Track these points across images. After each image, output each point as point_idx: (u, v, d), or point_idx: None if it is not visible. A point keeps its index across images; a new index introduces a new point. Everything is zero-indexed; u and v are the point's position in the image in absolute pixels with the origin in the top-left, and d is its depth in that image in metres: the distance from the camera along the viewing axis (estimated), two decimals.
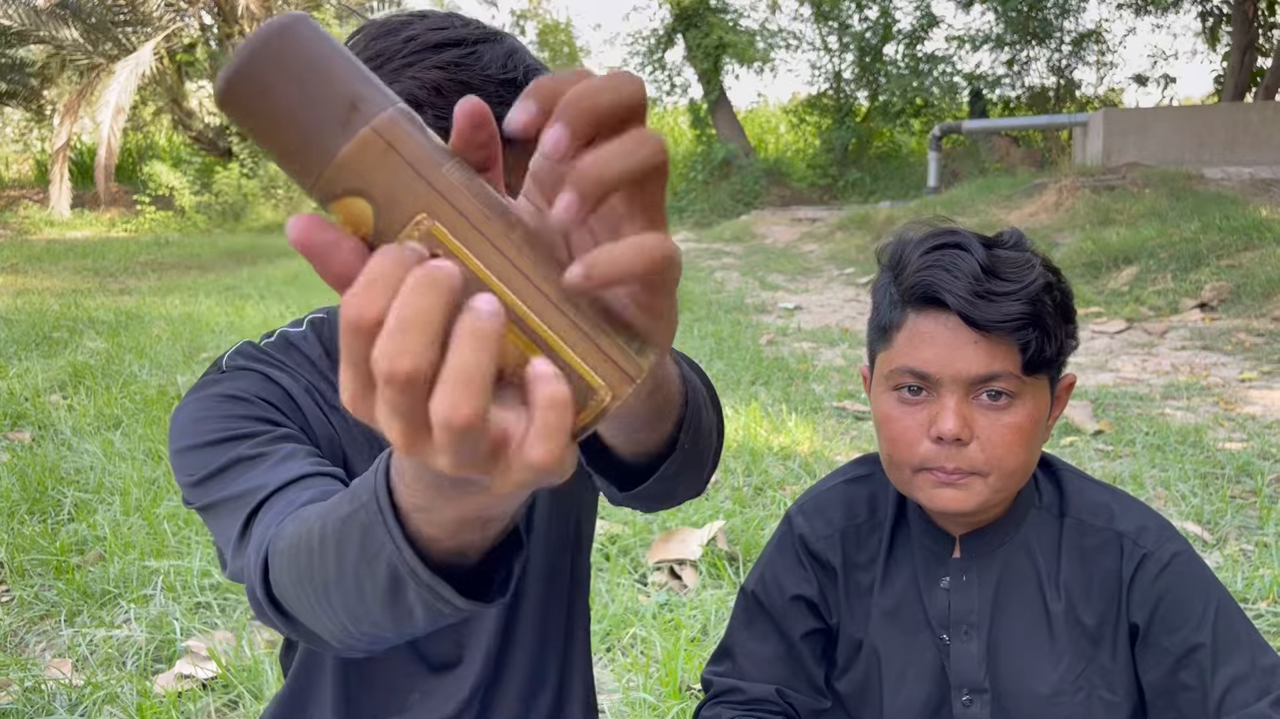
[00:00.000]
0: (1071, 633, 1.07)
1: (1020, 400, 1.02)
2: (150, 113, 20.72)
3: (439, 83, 0.86)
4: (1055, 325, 1.01)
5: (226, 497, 0.86)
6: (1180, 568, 1.05)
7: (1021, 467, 1.04)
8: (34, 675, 2.24)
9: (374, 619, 0.65)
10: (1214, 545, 2.82)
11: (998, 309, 0.98)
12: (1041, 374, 1.03)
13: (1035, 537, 1.10)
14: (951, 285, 0.99)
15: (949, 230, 1.05)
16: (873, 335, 1.11)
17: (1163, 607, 1.04)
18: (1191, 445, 3.71)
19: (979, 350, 1.00)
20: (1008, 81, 18.43)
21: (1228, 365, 5.31)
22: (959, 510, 1.04)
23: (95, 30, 17.97)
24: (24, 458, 3.76)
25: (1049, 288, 1.01)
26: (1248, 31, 15.62)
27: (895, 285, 1.06)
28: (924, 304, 1.02)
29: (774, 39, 18.49)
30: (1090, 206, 9.34)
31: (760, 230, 13.63)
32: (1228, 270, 7.17)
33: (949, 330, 1.01)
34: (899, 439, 1.05)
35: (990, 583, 1.10)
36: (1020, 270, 1.01)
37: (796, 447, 3.82)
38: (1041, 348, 1.00)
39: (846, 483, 1.21)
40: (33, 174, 22.43)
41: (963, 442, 1.01)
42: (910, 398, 1.04)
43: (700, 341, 6.21)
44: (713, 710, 1.19)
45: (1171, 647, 1.03)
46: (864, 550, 1.16)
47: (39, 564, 2.85)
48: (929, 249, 1.03)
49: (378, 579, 0.61)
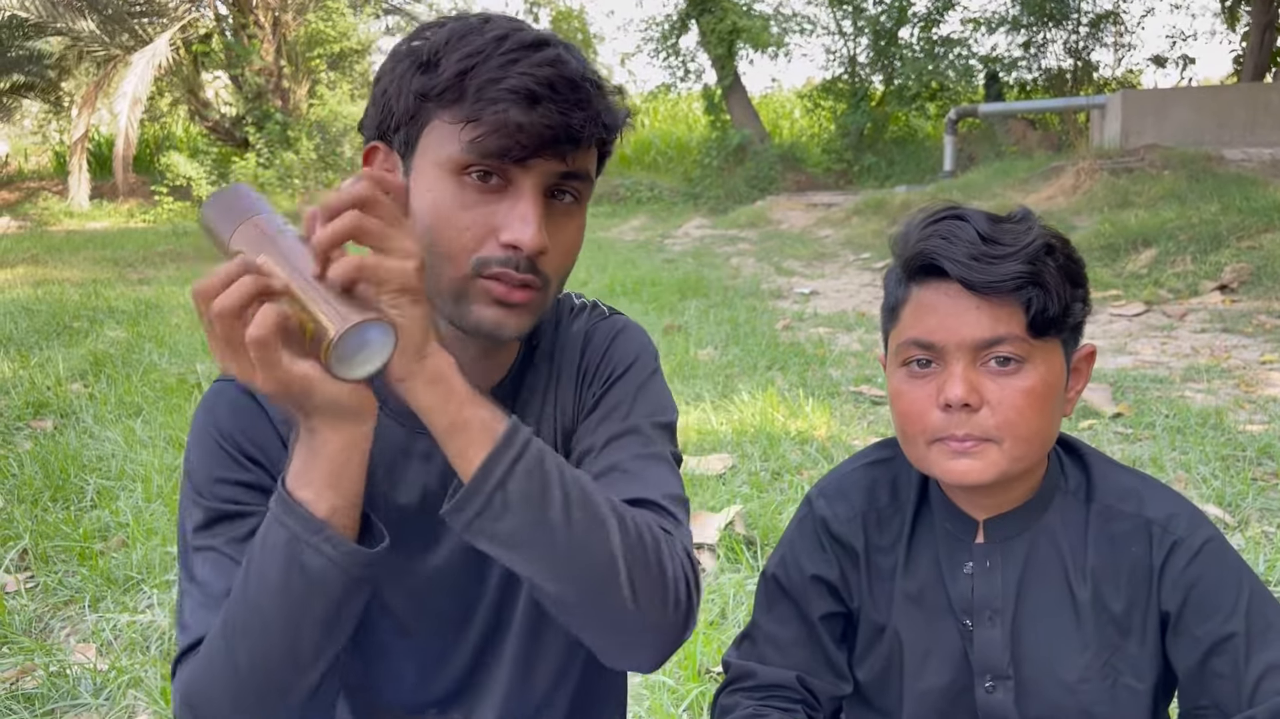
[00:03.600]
0: (1098, 620, 1.05)
1: (1030, 364, 1.01)
2: (167, 104, 20.79)
3: (550, 79, 0.91)
4: (1058, 284, 1.00)
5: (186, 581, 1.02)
6: (1211, 555, 1.04)
7: (1036, 433, 1.02)
8: (59, 660, 2.27)
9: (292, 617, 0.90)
10: (1235, 528, 2.81)
11: (995, 269, 0.98)
12: (1050, 338, 1.02)
13: (1061, 522, 1.09)
14: (949, 252, 0.99)
15: (950, 205, 1.05)
16: (884, 319, 1.11)
17: (1194, 595, 1.02)
18: (1212, 428, 3.69)
19: (982, 314, 0.99)
20: (1024, 64, 18.25)
21: (1248, 347, 5.27)
22: (977, 482, 1.02)
23: (112, 21, 18.02)
24: (47, 446, 3.80)
25: (1049, 249, 1.00)
26: (1267, 11, 15.41)
27: (899, 263, 1.07)
28: (925, 275, 1.03)
29: (788, 24, 18.33)
30: (1108, 189, 9.26)
31: (775, 216, 13.58)
32: (1248, 252, 7.10)
33: (950, 298, 1.01)
34: (909, 412, 1.04)
35: (1015, 568, 1.08)
36: (1019, 234, 1.01)
37: (814, 431, 3.81)
38: (1045, 306, 0.99)
39: (868, 465, 1.20)
40: (51, 165, 22.55)
41: (972, 407, 1.00)
42: (919, 370, 1.04)
43: (716, 327, 6.21)
44: (730, 698, 1.18)
45: (1204, 635, 1.01)
46: (886, 534, 1.15)
47: (63, 551, 2.88)
48: (929, 223, 1.04)
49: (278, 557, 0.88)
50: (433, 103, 0.94)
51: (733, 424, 3.95)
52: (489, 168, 0.93)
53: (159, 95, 19.47)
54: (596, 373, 1.10)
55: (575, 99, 0.92)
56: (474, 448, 0.87)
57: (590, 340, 1.12)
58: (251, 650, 0.90)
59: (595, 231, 13.15)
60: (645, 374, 1.11)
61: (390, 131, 0.98)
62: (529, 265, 0.95)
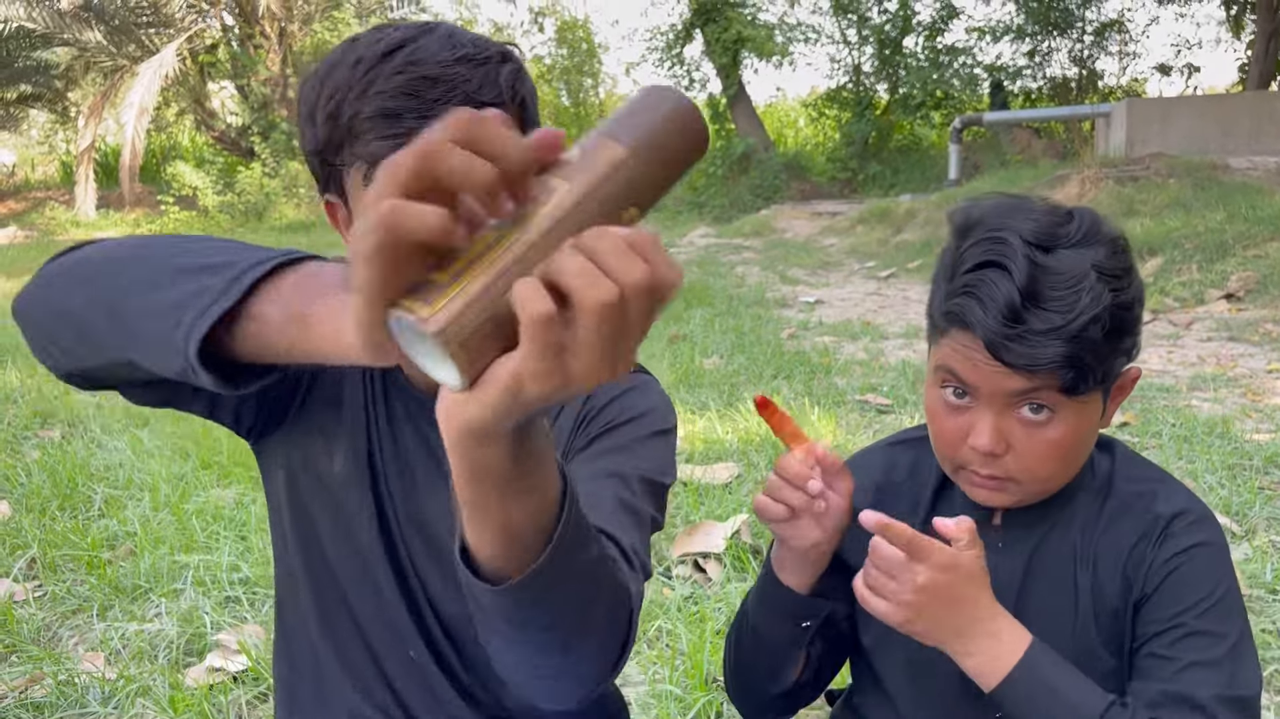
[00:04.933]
0: (1096, 607, 1.07)
1: (1061, 415, 0.99)
2: (173, 113, 20.91)
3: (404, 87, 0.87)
4: (1097, 360, 0.95)
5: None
6: (1199, 556, 1.04)
7: (1058, 474, 1.04)
8: (68, 669, 2.28)
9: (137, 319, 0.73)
10: (1243, 537, 2.80)
11: (1030, 352, 0.93)
12: (1087, 393, 0.99)
13: (1078, 515, 1.10)
14: (982, 320, 0.95)
15: (997, 239, 0.97)
16: (928, 323, 1.09)
17: (1167, 583, 1.03)
18: (1219, 436, 3.68)
19: (1016, 374, 0.97)
20: (1029, 73, 18.31)
21: (1255, 356, 5.27)
22: (996, 506, 1.07)
23: (118, 32, 18.12)
24: (54, 455, 3.81)
25: (1096, 319, 0.93)
26: (1272, 19, 15.41)
27: (940, 292, 1.03)
28: (962, 324, 0.99)
29: (793, 33, 18.40)
30: (1113, 198, 9.26)
31: (780, 225, 13.59)
32: (1254, 260, 7.09)
33: (984, 354, 0.97)
34: (941, 438, 1.06)
35: (1025, 553, 1.10)
36: (1064, 298, 0.93)
37: (819, 440, 3.81)
38: (1077, 384, 0.96)
39: (890, 445, 1.23)
40: (58, 175, 22.66)
41: (997, 455, 1.01)
42: (954, 400, 1.03)
43: (721, 336, 6.21)
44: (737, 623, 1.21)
45: (1158, 619, 1.02)
46: (896, 506, 1.14)
47: (71, 559, 2.89)
48: (971, 267, 0.98)
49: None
50: (330, 154, 0.91)
51: (738, 433, 3.95)
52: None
53: (165, 105, 19.57)
54: (597, 418, 1.03)
55: (436, 95, 0.87)
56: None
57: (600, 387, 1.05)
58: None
59: None
60: (650, 430, 1.03)
61: (325, 188, 0.96)
62: None
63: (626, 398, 1.04)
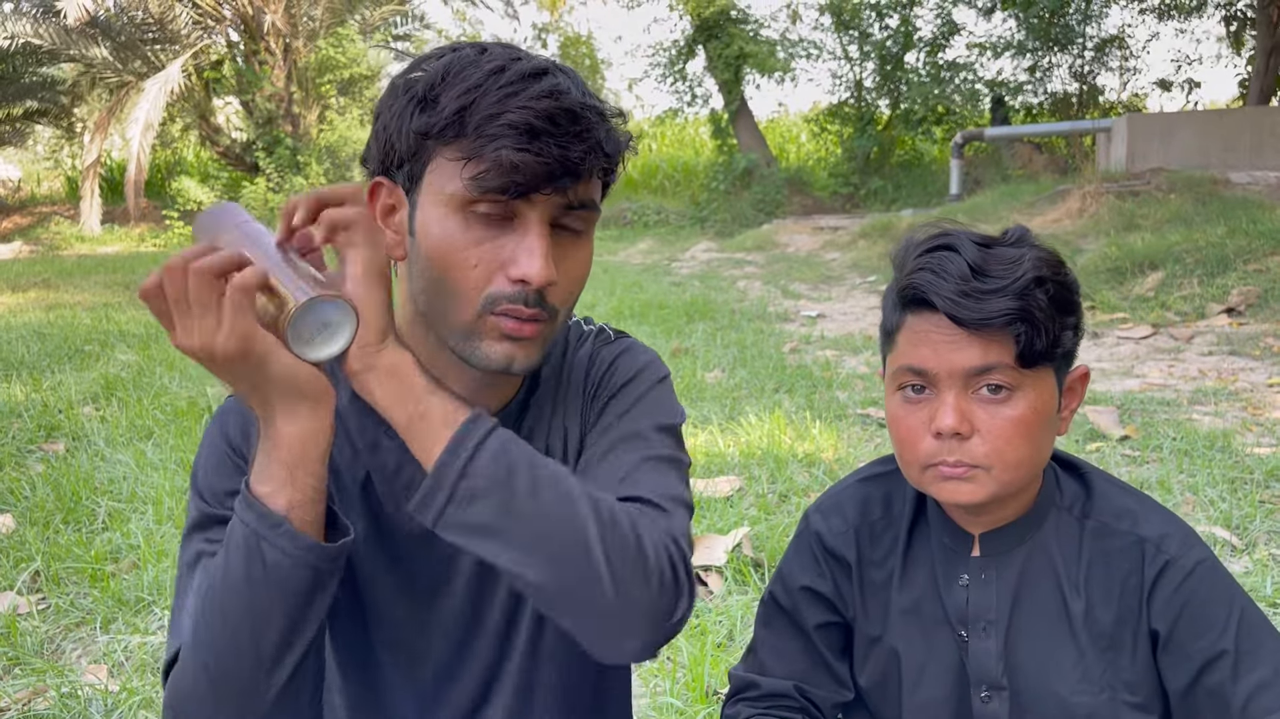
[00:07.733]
0: (1092, 633, 1.07)
1: (1020, 393, 1.03)
2: (179, 129, 20.98)
3: (549, 111, 0.91)
4: (1047, 319, 1.01)
5: (179, 594, 1.04)
6: (1203, 576, 1.05)
7: (1026, 459, 1.05)
8: (70, 682, 2.28)
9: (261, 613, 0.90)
10: (1243, 550, 2.80)
11: (983, 307, 0.99)
12: (1042, 366, 1.04)
13: (1056, 537, 1.11)
14: (939, 287, 1.01)
15: (943, 232, 1.07)
16: (881, 340, 1.13)
17: (1186, 613, 1.04)
18: (1220, 450, 3.69)
19: (972, 345, 1.01)
20: (1030, 88, 18.32)
21: (1255, 370, 5.27)
22: (970, 502, 1.06)
23: (124, 48, 18.21)
24: (58, 468, 3.82)
25: (1040, 281, 1.01)
26: (1272, 35, 15.46)
27: (894, 289, 1.09)
28: (917, 305, 1.05)
29: (795, 49, 18.44)
30: (1114, 212, 9.28)
31: (782, 239, 13.62)
32: (1255, 275, 7.11)
33: (941, 329, 1.02)
34: (905, 439, 1.07)
35: (1010, 580, 1.11)
36: (1009, 267, 1.01)
37: (821, 454, 3.82)
38: (1033, 340, 1.00)
39: (861, 481, 1.24)
40: (64, 190, 22.76)
41: (963, 436, 1.03)
42: (914, 396, 1.06)
43: (724, 350, 6.22)
44: (733, 708, 1.22)
45: (1195, 653, 1.03)
46: (878, 547, 1.18)
47: (74, 572, 2.90)
48: (921, 252, 1.05)
49: (239, 553, 0.89)
50: (433, 140, 0.94)
51: (740, 446, 3.96)
52: (492, 203, 0.93)
53: (170, 121, 19.64)
54: (600, 390, 1.10)
55: (574, 130, 0.92)
56: (435, 440, 0.87)
57: (595, 363, 1.12)
58: (218, 649, 0.91)
59: (603, 255, 13.20)
60: (649, 384, 1.10)
61: (393, 167, 0.98)
62: (537, 299, 0.95)
63: (619, 362, 1.11)
